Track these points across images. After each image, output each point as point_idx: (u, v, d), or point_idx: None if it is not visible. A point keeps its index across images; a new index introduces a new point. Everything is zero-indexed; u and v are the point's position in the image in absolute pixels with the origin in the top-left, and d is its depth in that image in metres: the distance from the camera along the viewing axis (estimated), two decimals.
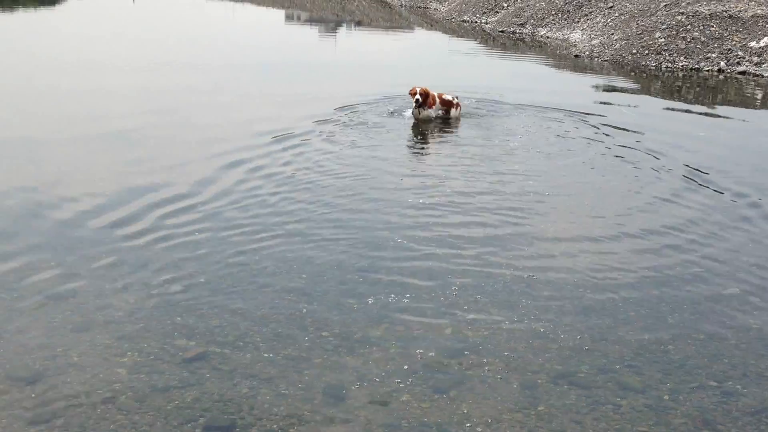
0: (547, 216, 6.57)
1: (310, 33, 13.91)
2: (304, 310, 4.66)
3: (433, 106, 10.17)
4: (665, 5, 17.88)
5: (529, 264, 5.51)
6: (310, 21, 21.37)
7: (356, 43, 16.94)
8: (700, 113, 11.58)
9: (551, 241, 6.02)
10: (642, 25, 17.12)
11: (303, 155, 8.12)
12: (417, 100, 9.89)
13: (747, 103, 12.59)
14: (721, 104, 12.40)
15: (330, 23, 19.89)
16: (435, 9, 24.02)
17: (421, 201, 6.82)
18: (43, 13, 24.26)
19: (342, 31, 17.20)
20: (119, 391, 3.78)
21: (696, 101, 12.61)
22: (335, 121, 9.80)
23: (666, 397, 4.01)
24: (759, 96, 12.94)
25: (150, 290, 4.83)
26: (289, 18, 21.23)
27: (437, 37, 18.61)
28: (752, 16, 16.00)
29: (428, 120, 10.12)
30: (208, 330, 4.38)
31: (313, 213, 6.42)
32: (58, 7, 27.42)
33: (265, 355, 4.16)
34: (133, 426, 3.52)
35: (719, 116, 11.31)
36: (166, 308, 4.60)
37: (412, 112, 10.12)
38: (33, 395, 3.72)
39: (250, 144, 8.49)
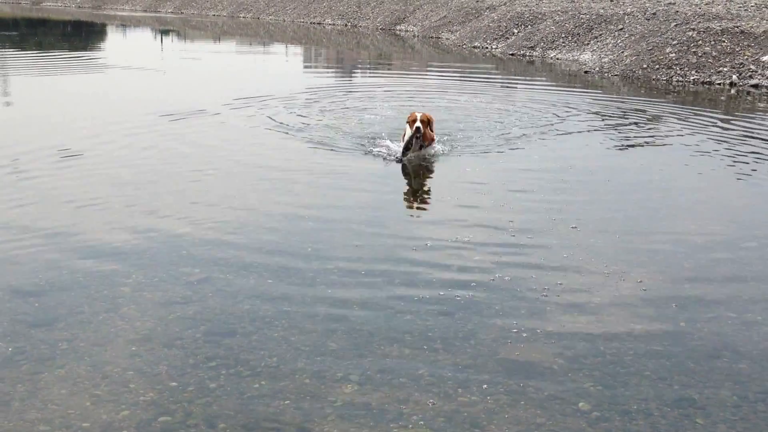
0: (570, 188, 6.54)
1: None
2: (310, 249, 4.62)
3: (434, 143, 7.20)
4: (676, 24, 18.04)
5: (542, 205, 5.48)
6: (326, 59, 21.68)
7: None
8: None
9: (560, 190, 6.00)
10: (652, 42, 17.24)
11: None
12: (417, 128, 6.75)
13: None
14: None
15: (346, 67, 20.17)
16: (446, 38, 24.40)
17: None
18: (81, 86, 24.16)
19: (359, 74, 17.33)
20: (122, 304, 3.75)
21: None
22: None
23: (682, 324, 3.88)
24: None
25: (158, 229, 4.85)
26: (307, 61, 21.37)
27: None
28: (764, 32, 16.06)
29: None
30: (213, 260, 4.37)
31: (325, 171, 6.57)
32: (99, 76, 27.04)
33: (269, 281, 4.12)
34: (134, 330, 3.47)
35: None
36: (172, 244, 4.61)
37: (404, 153, 6.88)
38: (36, 305, 3.70)
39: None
